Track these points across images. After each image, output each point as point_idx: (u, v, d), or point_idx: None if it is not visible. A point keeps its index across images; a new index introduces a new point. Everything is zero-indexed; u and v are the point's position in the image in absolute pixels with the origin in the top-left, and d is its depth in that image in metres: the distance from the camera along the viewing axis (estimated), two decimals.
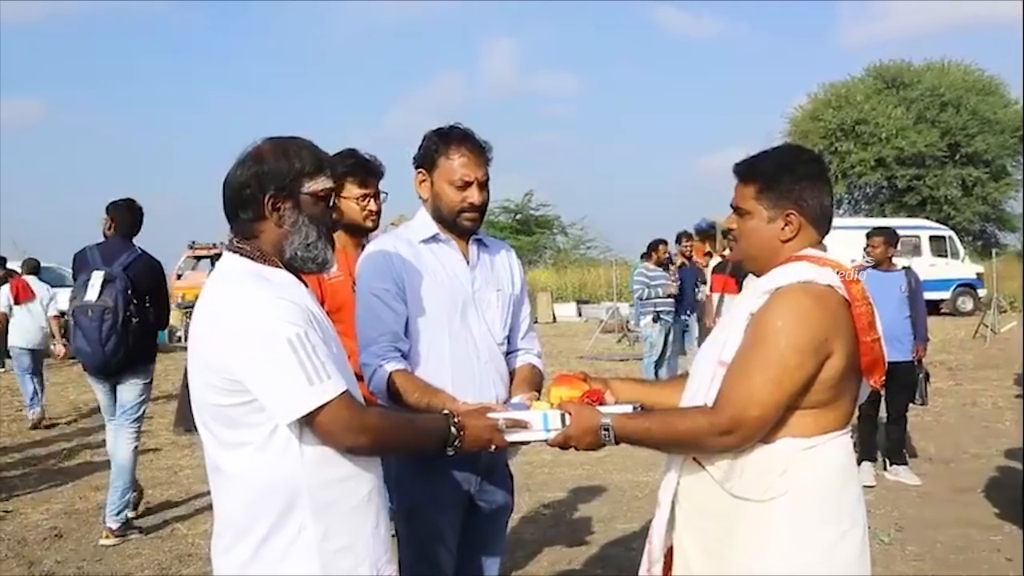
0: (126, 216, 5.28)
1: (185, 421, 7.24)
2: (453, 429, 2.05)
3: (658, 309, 9.98)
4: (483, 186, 2.58)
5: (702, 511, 2.03)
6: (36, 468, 7.31)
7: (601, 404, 2.19)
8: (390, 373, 2.44)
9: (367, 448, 1.93)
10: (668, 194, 63.57)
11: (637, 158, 70.30)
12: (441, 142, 2.55)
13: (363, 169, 3.26)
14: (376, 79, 78.29)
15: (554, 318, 25.95)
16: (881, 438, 6.60)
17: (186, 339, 7.88)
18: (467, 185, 2.54)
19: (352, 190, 3.23)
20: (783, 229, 2.06)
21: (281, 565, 1.87)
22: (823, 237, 2.11)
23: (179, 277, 21.12)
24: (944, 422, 8.54)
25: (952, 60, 39.15)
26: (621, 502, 5.94)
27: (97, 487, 6.55)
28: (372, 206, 3.29)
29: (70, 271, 18.84)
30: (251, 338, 1.82)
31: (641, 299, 10.19)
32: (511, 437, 2.13)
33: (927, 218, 30.07)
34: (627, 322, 18.69)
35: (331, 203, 2.02)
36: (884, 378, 2.07)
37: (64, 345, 8.94)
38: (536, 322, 22.46)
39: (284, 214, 1.95)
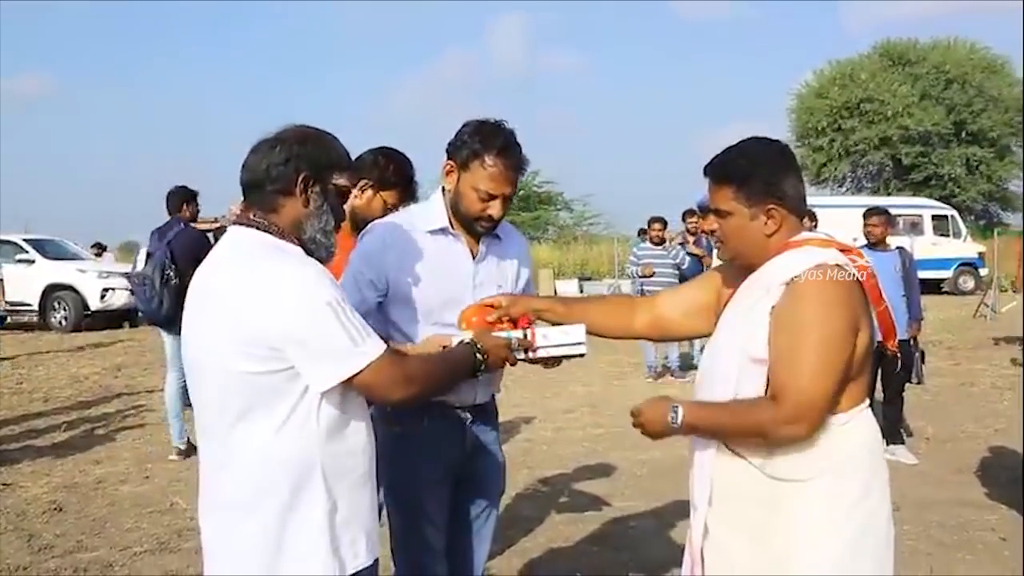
0: (172, 200, 6.84)
1: (187, 395, 7.30)
2: (478, 355, 2.18)
3: (642, 287, 9.95)
4: (507, 200, 2.55)
5: (742, 498, 2.04)
6: (36, 441, 7.33)
7: (529, 326, 2.33)
8: None
9: (414, 396, 2.02)
10: (674, 170, 63.40)
11: (643, 134, 70.14)
12: (482, 147, 2.48)
13: (412, 190, 3.28)
14: (384, 54, 77.89)
15: (556, 295, 25.96)
16: (878, 417, 6.59)
17: None
18: (492, 198, 2.51)
19: (391, 197, 3.21)
20: (767, 224, 2.07)
21: (296, 537, 1.89)
22: (803, 219, 2.14)
23: None
24: (942, 401, 8.55)
25: (958, 37, 38.88)
26: (620, 480, 5.96)
27: (97, 460, 6.60)
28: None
29: (72, 244, 19.05)
30: (292, 305, 1.84)
31: (630, 276, 10.23)
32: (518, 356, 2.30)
33: (930, 197, 29.98)
34: None
35: (345, 201, 2.11)
36: (896, 344, 2.16)
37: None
38: None
39: (311, 196, 2.00)
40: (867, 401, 2.09)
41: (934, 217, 23.89)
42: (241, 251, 1.96)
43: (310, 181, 1.99)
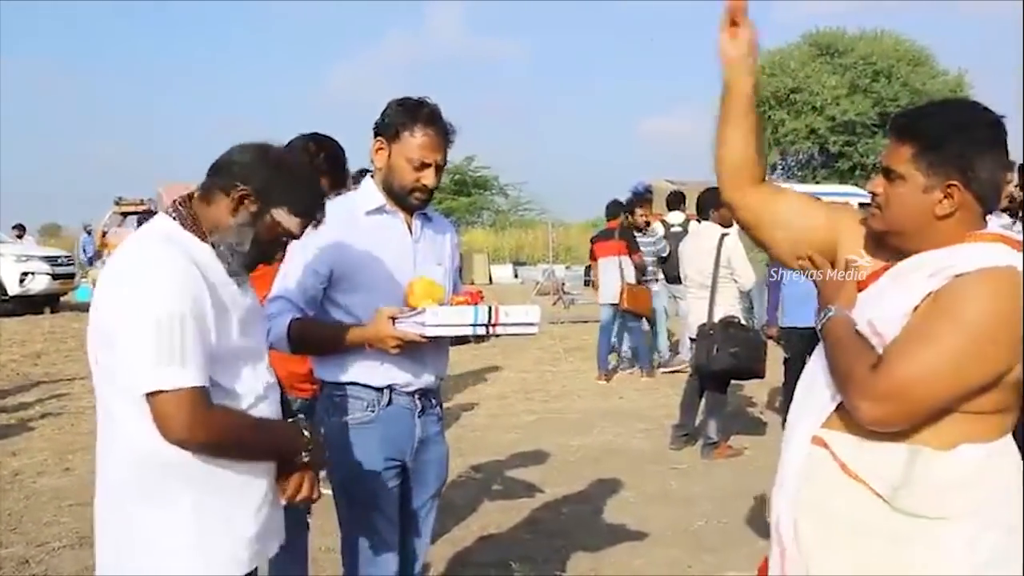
0: None
1: None
2: (306, 434, 2.01)
3: None
4: (439, 169, 2.57)
5: (858, 530, 1.73)
6: None
7: (481, 301, 2.43)
8: (288, 324, 2.46)
9: (205, 447, 1.83)
10: (609, 158, 63.96)
11: (579, 121, 70.59)
12: (408, 117, 2.51)
13: (343, 176, 3.23)
14: (322, 37, 76.91)
15: (490, 279, 25.97)
16: None
17: None
18: (424, 167, 2.52)
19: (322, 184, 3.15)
20: (940, 203, 1.71)
21: (154, 538, 1.86)
22: (987, 214, 1.78)
23: (104, 234, 20.50)
24: None
25: (884, 29, 39.85)
26: (553, 466, 5.98)
27: (13, 452, 6.35)
28: None
29: None
30: (125, 303, 1.80)
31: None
32: (435, 332, 2.34)
33: (856, 185, 30.75)
34: (562, 284, 18.78)
35: (283, 245, 2.01)
36: None
37: None
38: (472, 283, 22.33)
39: (241, 212, 1.91)
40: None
41: (861, 204, 24.44)
42: (140, 238, 1.93)
43: (249, 198, 1.91)
